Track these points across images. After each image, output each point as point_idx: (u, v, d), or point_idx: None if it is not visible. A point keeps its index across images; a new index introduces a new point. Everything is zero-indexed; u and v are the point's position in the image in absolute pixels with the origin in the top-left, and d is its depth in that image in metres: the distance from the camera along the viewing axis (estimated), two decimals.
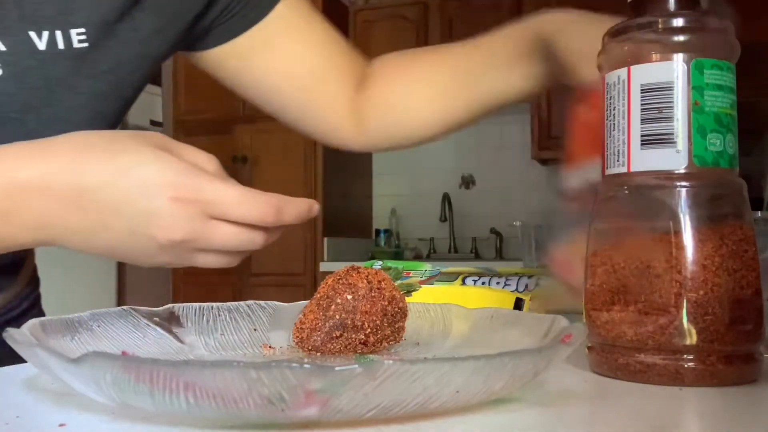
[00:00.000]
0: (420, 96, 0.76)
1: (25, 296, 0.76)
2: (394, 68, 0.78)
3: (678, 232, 0.41)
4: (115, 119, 0.66)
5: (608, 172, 0.45)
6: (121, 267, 3.59)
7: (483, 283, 0.68)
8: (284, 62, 0.74)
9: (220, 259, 0.51)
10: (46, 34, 0.57)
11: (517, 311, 0.56)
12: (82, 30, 0.58)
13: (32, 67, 0.57)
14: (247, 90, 0.76)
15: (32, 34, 0.56)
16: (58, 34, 0.57)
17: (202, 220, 0.47)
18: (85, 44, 0.59)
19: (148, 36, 0.63)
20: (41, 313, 0.81)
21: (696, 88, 0.41)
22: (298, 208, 0.49)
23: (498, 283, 0.67)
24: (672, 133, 0.42)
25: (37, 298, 0.81)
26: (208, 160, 0.50)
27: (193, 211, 0.46)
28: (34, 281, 0.80)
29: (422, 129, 0.77)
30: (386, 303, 0.44)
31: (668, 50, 0.42)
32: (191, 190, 0.46)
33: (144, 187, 0.46)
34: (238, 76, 0.74)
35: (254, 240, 0.49)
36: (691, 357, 0.40)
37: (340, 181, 3.65)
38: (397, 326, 0.45)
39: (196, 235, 0.47)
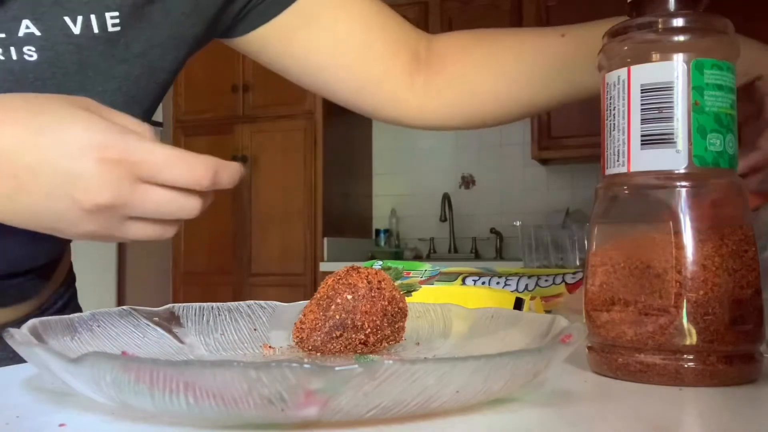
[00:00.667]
0: (499, 81, 0.73)
1: (59, 296, 0.76)
2: (469, 48, 0.75)
3: (678, 232, 0.41)
4: (149, 104, 0.65)
5: (608, 172, 0.45)
6: (121, 267, 3.59)
7: (483, 283, 0.68)
8: (328, 39, 0.71)
9: (153, 229, 0.47)
10: (80, 18, 0.56)
11: (517, 311, 0.56)
12: (116, 13, 0.57)
13: (67, 51, 0.57)
14: (293, 72, 0.73)
15: (67, 19, 0.56)
16: (93, 18, 0.57)
17: (130, 183, 0.43)
18: (118, 27, 0.58)
19: (179, 18, 0.62)
20: (77, 310, 0.81)
21: (696, 88, 0.41)
22: (232, 170, 0.46)
23: (498, 283, 0.67)
24: (672, 133, 0.42)
25: (73, 295, 0.80)
26: (140, 125, 0.47)
27: (120, 173, 0.43)
28: (69, 279, 0.80)
29: (496, 113, 0.74)
30: (386, 303, 0.44)
31: (668, 50, 0.42)
32: (119, 150, 0.43)
33: (65, 147, 0.43)
34: (282, 58, 0.72)
35: (189, 205, 0.46)
36: (691, 357, 0.40)
37: (340, 181, 3.65)
38: (397, 326, 0.45)
39: (125, 199, 0.44)
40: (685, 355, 0.40)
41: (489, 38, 0.75)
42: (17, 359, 0.39)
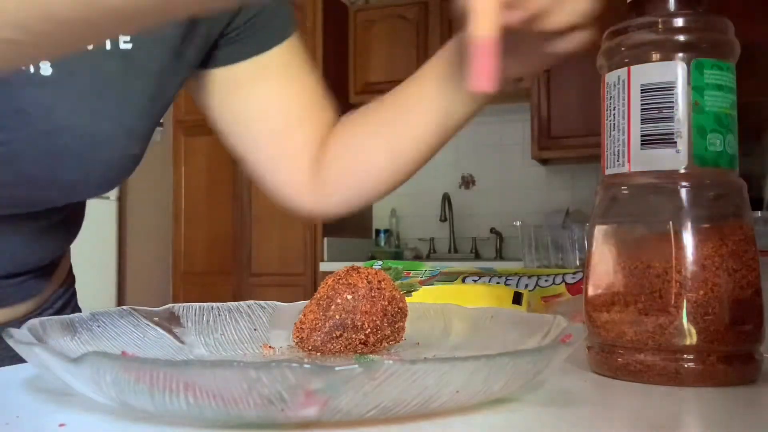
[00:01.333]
0: (367, 154, 0.72)
1: (59, 296, 0.77)
2: (346, 129, 0.75)
3: (678, 232, 0.41)
4: (157, 117, 0.67)
5: (608, 172, 0.45)
6: (121, 267, 3.59)
7: (483, 283, 0.68)
8: (266, 101, 0.73)
9: None
10: None
11: (517, 311, 0.56)
12: None
13: (82, 66, 0.58)
14: (224, 123, 0.74)
15: None
16: None
17: None
18: (130, 45, 0.60)
19: (182, 41, 0.64)
20: (77, 311, 0.81)
21: (696, 88, 0.41)
22: None
23: (498, 283, 0.67)
24: (672, 133, 0.42)
25: (72, 295, 0.81)
26: None
27: None
28: (69, 280, 0.81)
29: (378, 187, 0.73)
30: (386, 303, 0.44)
31: (668, 50, 0.42)
32: None
33: None
34: (224, 105, 0.73)
35: None
36: (691, 357, 0.40)
37: None
38: (397, 326, 0.45)
39: None
40: (685, 355, 0.40)
41: (363, 114, 0.74)
42: (17, 359, 0.39)
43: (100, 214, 3.35)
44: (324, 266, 3.41)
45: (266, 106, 0.73)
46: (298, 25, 0.75)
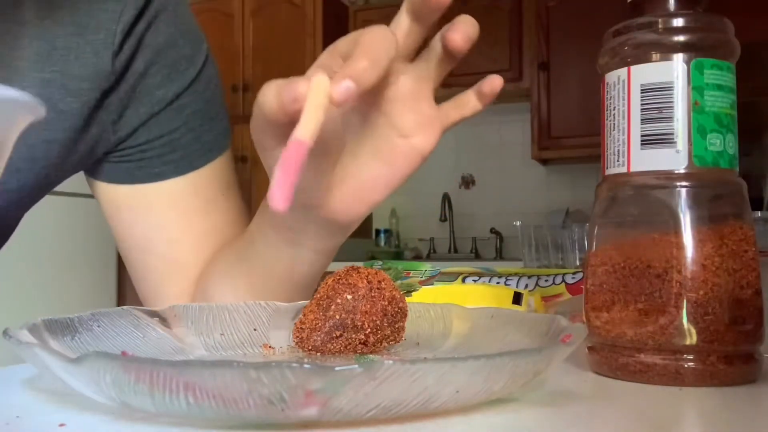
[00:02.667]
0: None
1: None
2: (206, 276, 0.66)
3: (678, 232, 0.41)
4: (31, 204, 0.66)
5: (608, 172, 0.45)
6: (121, 267, 3.59)
7: (483, 283, 0.68)
8: (150, 233, 0.68)
9: None
10: None
11: (517, 311, 0.56)
12: None
13: None
14: (117, 238, 0.71)
15: None
16: None
17: None
18: None
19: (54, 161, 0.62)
20: None
21: (696, 88, 0.41)
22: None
23: (498, 283, 0.67)
24: (672, 133, 0.42)
25: None
26: None
27: None
28: None
29: None
30: (386, 303, 0.44)
31: (668, 50, 0.42)
32: None
33: None
34: (111, 221, 0.70)
35: None
36: (691, 357, 0.40)
37: None
38: (397, 326, 0.45)
39: None
40: (685, 355, 0.40)
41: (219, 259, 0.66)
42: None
43: (100, 214, 3.34)
44: None
45: (152, 232, 0.68)
46: (223, 148, 0.70)
